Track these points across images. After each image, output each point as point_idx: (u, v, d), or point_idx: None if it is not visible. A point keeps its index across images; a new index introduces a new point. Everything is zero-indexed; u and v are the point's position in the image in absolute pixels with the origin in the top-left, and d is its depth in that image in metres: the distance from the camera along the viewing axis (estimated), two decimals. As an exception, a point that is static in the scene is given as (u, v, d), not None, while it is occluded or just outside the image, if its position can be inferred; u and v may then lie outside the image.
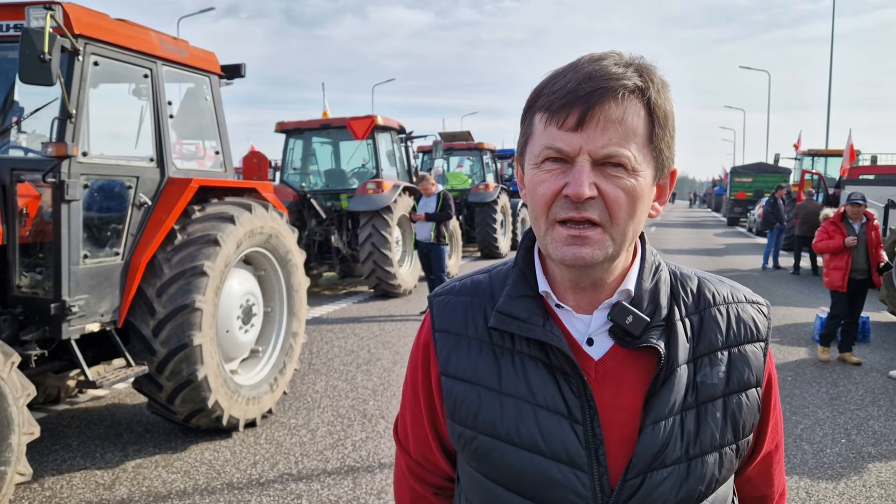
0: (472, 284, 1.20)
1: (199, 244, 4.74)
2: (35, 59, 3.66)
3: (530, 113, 1.06)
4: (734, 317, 1.11)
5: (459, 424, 1.11)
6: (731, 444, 1.07)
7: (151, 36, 4.82)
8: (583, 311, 1.09)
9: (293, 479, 4.44)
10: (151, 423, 5.37)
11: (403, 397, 1.27)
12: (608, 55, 1.02)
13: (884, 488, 4.37)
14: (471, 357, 1.12)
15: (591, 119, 0.97)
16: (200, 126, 5.57)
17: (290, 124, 12.21)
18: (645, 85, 1.00)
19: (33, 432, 3.65)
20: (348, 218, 11.72)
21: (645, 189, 1.02)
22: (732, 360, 1.08)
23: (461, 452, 1.14)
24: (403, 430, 1.27)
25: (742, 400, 1.08)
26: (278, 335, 5.81)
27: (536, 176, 1.02)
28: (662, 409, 1.03)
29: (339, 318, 9.82)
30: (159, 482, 4.35)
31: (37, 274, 4.33)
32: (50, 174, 4.05)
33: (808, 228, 14.31)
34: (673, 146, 1.05)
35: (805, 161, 22.46)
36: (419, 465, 1.26)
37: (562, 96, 0.99)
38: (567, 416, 1.04)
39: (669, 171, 1.07)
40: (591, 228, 0.99)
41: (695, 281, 1.15)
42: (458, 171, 19.19)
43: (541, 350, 1.07)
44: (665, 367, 1.04)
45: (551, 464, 1.04)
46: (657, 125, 1.01)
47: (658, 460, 1.02)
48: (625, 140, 0.98)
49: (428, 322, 1.20)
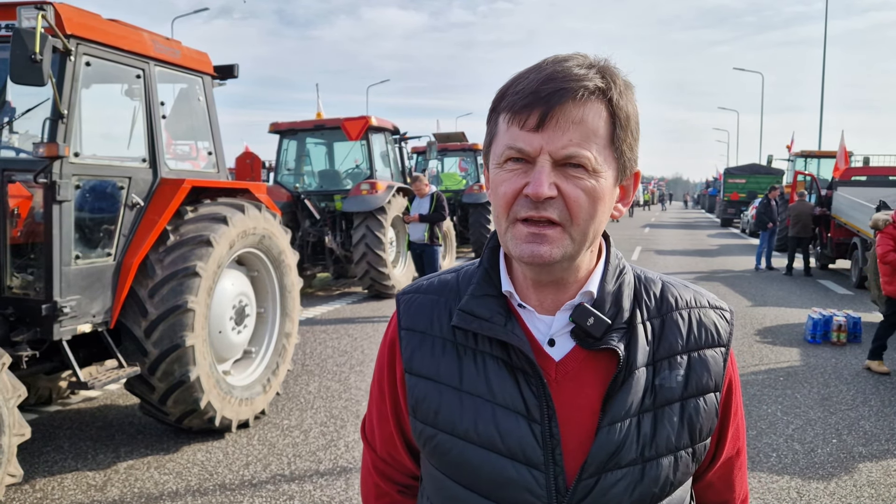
0: (440, 283, 1.20)
1: (192, 245, 4.73)
2: (26, 59, 3.65)
3: (495, 113, 1.07)
4: (696, 321, 1.12)
5: (421, 422, 1.12)
6: (687, 447, 1.07)
7: (144, 36, 4.82)
8: (545, 312, 1.10)
9: (286, 479, 4.44)
10: (143, 425, 5.36)
11: (371, 395, 1.28)
12: (572, 56, 1.03)
13: (874, 488, 4.39)
14: (434, 355, 1.12)
15: (551, 119, 0.98)
16: (193, 127, 5.56)
17: (283, 125, 12.19)
18: (606, 86, 1.00)
19: (24, 433, 3.63)
20: (342, 219, 11.71)
21: (606, 190, 1.02)
22: (692, 365, 1.09)
23: (422, 450, 1.15)
24: (370, 427, 1.28)
25: (700, 404, 1.08)
26: (271, 336, 5.80)
27: (499, 175, 1.03)
28: (619, 411, 1.04)
29: (332, 318, 9.81)
30: (151, 483, 4.34)
31: (28, 275, 4.31)
32: (41, 175, 4.04)
33: (800, 229, 14.39)
34: (636, 148, 1.06)
35: (798, 162, 22.54)
36: (385, 463, 1.27)
37: (524, 97, 1.00)
38: (525, 415, 1.05)
39: (632, 172, 1.08)
40: (550, 227, 1.00)
41: (658, 285, 1.15)
42: (452, 171, 19.20)
43: (502, 349, 1.08)
44: (624, 369, 1.05)
45: (507, 462, 1.04)
46: (619, 126, 1.02)
47: (613, 461, 1.03)
48: (585, 141, 0.99)
49: (395, 320, 1.20)
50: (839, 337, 8.31)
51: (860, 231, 12.43)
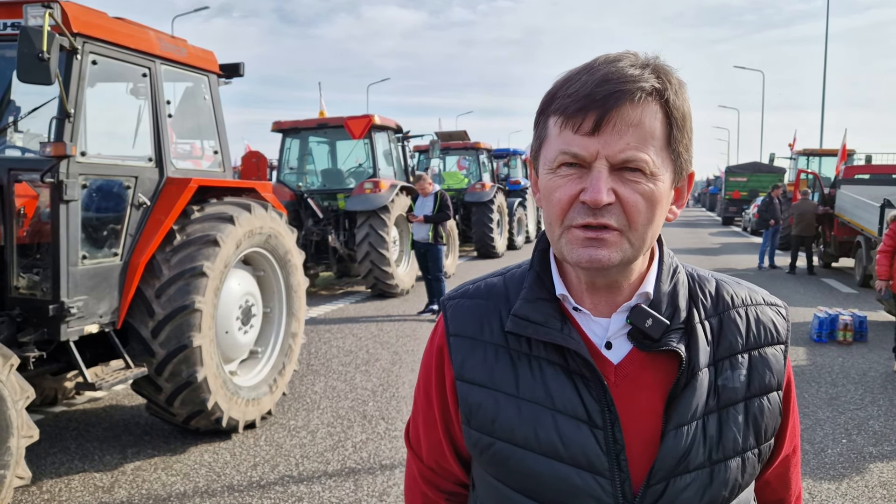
0: (486, 287, 1.17)
1: (199, 245, 4.70)
2: (34, 57, 3.62)
3: (544, 116, 1.03)
4: (753, 319, 1.10)
5: (476, 430, 1.09)
6: (753, 448, 1.06)
7: (150, 35, 4.78)
8: (600, 315, 1.07)
9: (294, 481, 4.41)
10: (150, 425, 5.33)
11: (415, 402, 1.25)
12: (623, 56, 1.00)
13: (886, 488, 4.36)
14: (487, 361, 1.10)
15: (607, 123, 0.95)
16: (199, 126, 5.53)
17: (286, 124, 12.15)
18: (662, 86, 0.97)
19: (32, 435, 3.61)
20: (345, 218, 11.68)
21: (663, 193, 1.00)
22: (753, 364, 1.07)
23: (477, 458, 1.12)
24: (416, 435, 1.25)
25: (764, 403, 1.06)
26: (277, 336, 5.77)
27: (552, 181, 1.00)
28: (685, 414, 1.02)
29: (336, 318, 9.78)
30: (159, 485, 4.31)
31: (34, 275, 4.28)
32: (48, 174, 4.01)
33: (803, 228, 14.37)
34: (691, 148, 1.04)
35: (800, 161, 22.50)
36: (431, 471, 1.24)
37: (577, 100, 0.96)
38: (587, 421, 1.02)
39: (687, 173, 1.05)
40: (607, 231, 0.97)
41: (713, 283, 1.13)
42: (454, 170, 19.18)
43: (558, 354, 1.05)
44: (686, 371, 1.03)
45: (571, 470, 1.02)
46: (675, 127, 0.99)
47: (681, 465, 1.01)
48: (643, 144, 0.96)
49: (441, 326, 1.17)
50: (845, 336, 8.28)
51: (864, 229, 12.40)
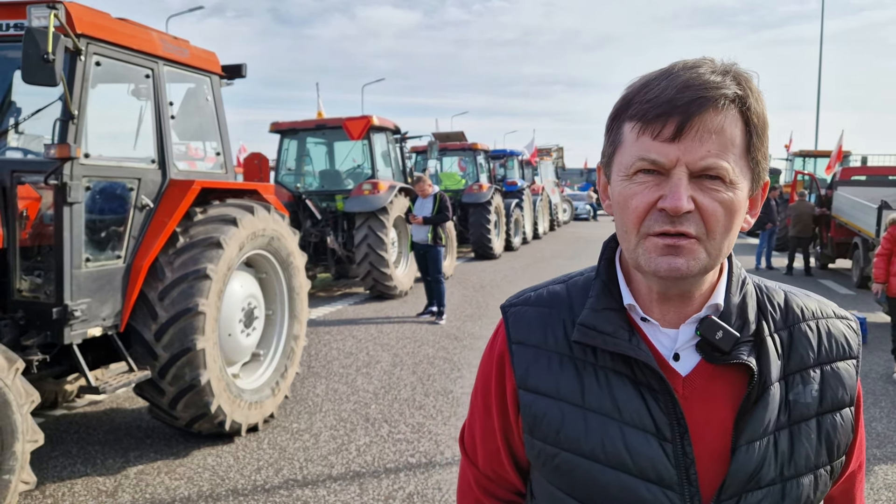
0: (549, 295, 1.16)
1: (202, 247, 4.67)
2: (38, 58, 3.58)
3: (619, 121, 1.02)
4: (825, 333, 1.08)
5: (540, 440, 1.08)
6: (825, 465, 1.04)
7: (153, 35, 4.76)
8: (669, 326, 1.06)
9: (298, 485, 4.38)
10: (151, 428, 5.30)
11: (472, 409, 1.23)
12: (702, 62, 0.99)
13: (892, 490, 4.36)
14: (552, 371, 1.08)
15: (689, 129, 0.94)
16: (201, 127, 5.50)
17: (284, 124, 12.12)
18: (744, 93, 0.96)
19: (37, 440, 3.57)
20: (344, 219, 11.64)
21: (741, 202, 0.99)
22: (826, 378, 1.05)
23: (540, 468, 1.11)
24: (472, 442, 1.24)
25: (836, 420, 1.05)
26: (279, 338, 5.75)
27: (628, 188, 0.99)
28: (757, 429, 1.00)
29: (335, 319, 9.75)
30: (162, 489, 4.28)
31: (36, 277, 4.25)
32: (52, 176, 3.98)
33: (801, 229, 14.40)
34: (768, 156, 1.02)
35: (796, 162, 22.56)
36: (488, 479, 1.22)
37: (657, 105, 0.95)
38: (655, 433, 1.01)
39: (763, 182, 1.04)
40: (686, 239, 0.96)
41: (781, 295, 1.11)
42: (452, 171, 19.16)
43: (625, 365, 1.04)
44: (758, 385, 1.01)
45: (639, 483, 1.01)
46: (755, 135, 0.98)
47: (753, 481, 1.00)
48: (723, 151, 0.95)
49: (503, 333, 1.16)
50: (845, 337, 8.27)
51: (861, 231, 12.44)
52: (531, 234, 21.97)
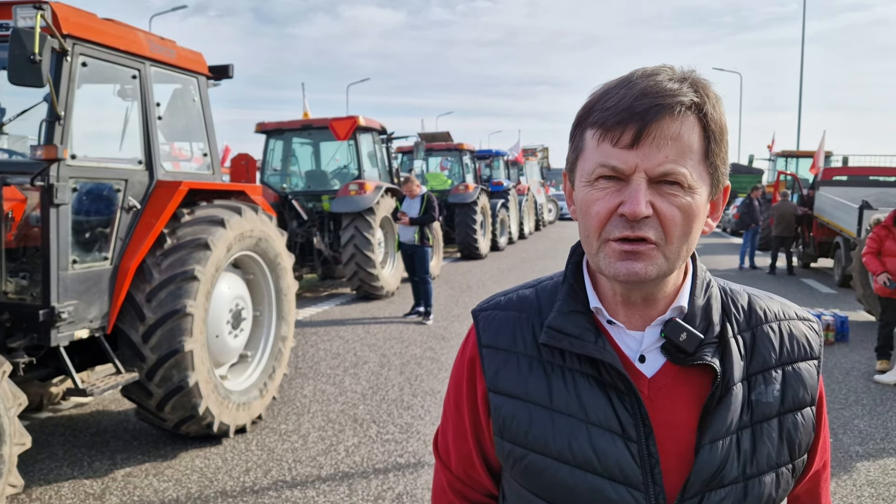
0: (519, 299, 1.18)
1: (190, 248, 4.66)
2: (25, 59, 3.57)
3: (581, 128, 1.04)
4: (787, 334, 1.10)
5: (509, 442, 1.10)
6: (787, 463, 1.06)
7: (139, 36, 4.73)
8: (634, 328, 1.08)
9: (287, 486, 4.38)
10: (138, 431, 5.27)
11: (445, 412, 1.25)
12: (661, 70, 1.01)
13: (874, 487, 4.43)
14: (521, 373, 1.10)
15: (647, 136, 0.96)
16: (188, 127, 5.48)
17: (270, 125, 12.08)
18: (701, 100, 0.98)
19: (24, 443, 3.55)
20: (330, 219, 11.63)
21: (700, 207, 1.01)
22: (787, 379, 1.07)
23: (509, 470, 1.12)
24: (444, 445, 1.25)
25: (798, 419, 1.07)
26: (267, 339, 5.74)
27: (590, 194, 1.01)
28: (720, 428, 1.02)
29: (322, 320, 9.74)
30: (151, 491, 4.26)
31: (22, 279, 4.22)
32: (38, 177, 3.95)
33: (783, 228, 14.56)
34: (727, 161, 1.05)
35: (779, 162, 22.79)
36: (460, 482, 1.24)
37: (616, 113, 0.97)
38: (621, 434, 1.03)
39: (723, 186, 1.06)
40: (644, 244, 0.98)
41: (745, 297, 1.13)
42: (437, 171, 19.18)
43: (592, 367, 1.06)
44: (721, 385, 1.03)
45: (605, 482, 1.03)
46: (713, 141, 1.00)
47: (716, 480, 1.02)
48: (681, 157, 0.97)
49: (473, 337, 1.18)
50: (828, 336, 8.40)
51: (843, 230, 12.59)
52: (517, 234, 22.04)
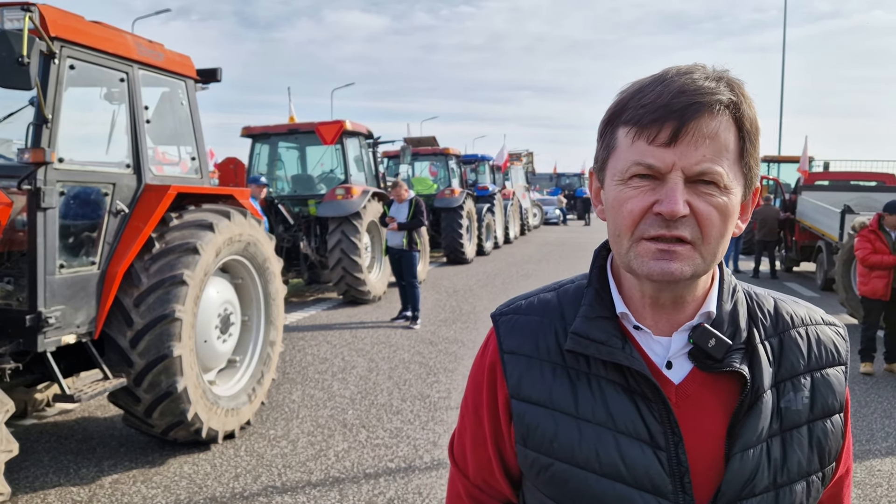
0: (540, 303, 1.15)
1: (178, 252, 4.62)
2: (13, 62, 3.53)
3: (612, 126, 1.03)
4: (814, 339, 1.09)
5: (533, 450, 1.07)
6: (817, 471, 1.05)
7: (128, 39, 4.70)
8: (661, 333, 1.06)
9: (277, 491, 4.36)
10: (125, 437, 5.22)
11: (462, 419, 1.22)
12: (695, 68, 1.00)
13: (860, 488, 4.47)
14: (545, 380, 1.08)
15: (685, 134, 0.94)
16: (176, 131, 5.44)
17: (256, 129, 12.02)
18: (737, 99, 0.98)
19: (11, 450, 3.51)
20: (317, 224, 11.59)
21: (735, 207, 1.00)
22: (816, 385, 1.06)
23: (533, 479, 1.10)
24: (462, 452, 1.22)
25: (827, 426, 1.06)
26: (256, 344, 5.70)
27: (623, 192, 0.99)
28: (750, 437, 1.01)
29: (309, 325, 9.69)
30: (139, 498, 4.22)
31: (8, 284, 4.17)
32: (25, 181, 3.91)
33: (766, 233, 14.69)
34: (759, 163, 1.04)
35: (761, 167, 22.98)
36: (478, 489, 1.21)
37: (652, 110, 0.96)
38: (650, 442, 1.01)
39: (754, 188, 1.05)
40: (680, 244, 0.97)
41: (770, 302, 1.12)
42: (424, 176, 19.17)
43: (619, 373, 1.04)
44: (750, 393, 1.01)
45: (634, 492, 1.01)
46: (748, 141, 0.99)
47: (747, 489, 1.00)
48: (717, 157, 0.96)
49: (494, 342, 1.15)
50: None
51: (825, 234, 12.73)
52: (503, 239, 22.06)
